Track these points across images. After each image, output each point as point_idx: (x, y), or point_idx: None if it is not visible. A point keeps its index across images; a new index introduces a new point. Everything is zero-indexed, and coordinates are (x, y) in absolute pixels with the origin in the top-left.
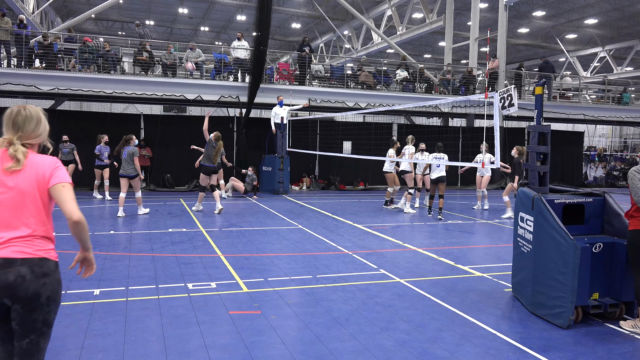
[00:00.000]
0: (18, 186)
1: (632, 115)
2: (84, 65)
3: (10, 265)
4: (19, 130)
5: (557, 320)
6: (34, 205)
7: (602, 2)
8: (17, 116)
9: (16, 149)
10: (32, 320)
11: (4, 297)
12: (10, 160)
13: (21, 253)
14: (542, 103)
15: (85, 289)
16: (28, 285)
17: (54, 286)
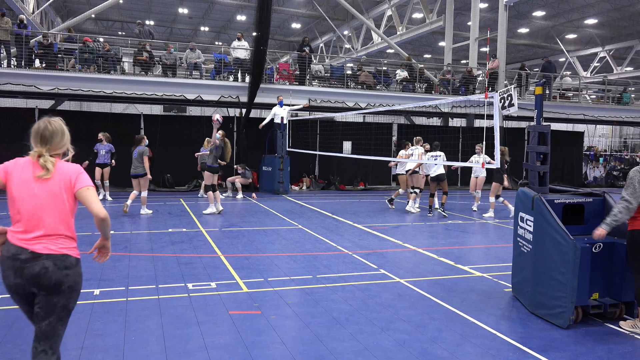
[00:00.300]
0: (47, 191)
1: (632, 115)
2: (84, 65)
3: (36, 259)
4: (47, 143)
5: (557, 320)
6: (61, 207)
7: (602, 2)
8: (45, 131)
9: (46, 160)
10: (52, 304)
11: (31, 287)
12: (41, 170)
13: (47, 249)
14: (542, 103)
15: (85, 289)
16: (51, 275)
17: (75, 278)
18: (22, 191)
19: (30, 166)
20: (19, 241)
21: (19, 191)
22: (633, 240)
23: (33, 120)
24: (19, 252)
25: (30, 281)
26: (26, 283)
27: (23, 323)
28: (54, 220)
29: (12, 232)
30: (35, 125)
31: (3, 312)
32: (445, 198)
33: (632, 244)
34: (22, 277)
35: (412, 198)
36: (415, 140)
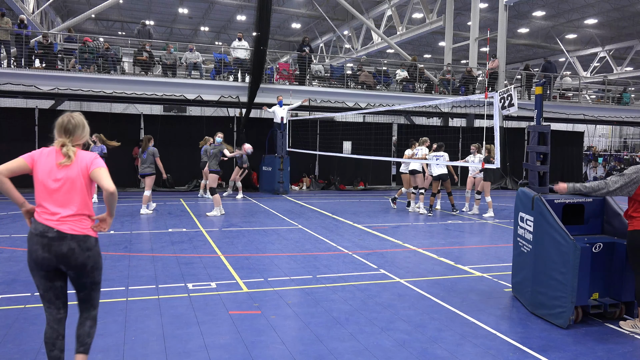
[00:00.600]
0: (68, 176)
1: (632, 115)
2: (84, 65)
3: (62, 239)
4: (70, 135)
5: (557, 320)
6: (80, 190)
7: (602, 2)
8: (68, 124)
9: (68, 149)
10: (82, 283)
11: (60, 264)
12: (63, 157)
13: (71, 230)
14: (542, 103)
15: None
16: (77, 256)
17: (96, 258)
18: (46, 177)
19: (54, 154)
20: (46, 220)
21: (44, 176)
22: (633, 240)
23: (33, 120)
24: (47, 230)
25: (59, 258)
26: (54, 258)
27: (23, 323)
28: (75, 202)
29: (39, 212)
30: (59, 119)
31: (3, 312)
32: (452, 199)
33: (631, 245)
34: (50, 253)
35: (412, 198)
36: (421, 140)
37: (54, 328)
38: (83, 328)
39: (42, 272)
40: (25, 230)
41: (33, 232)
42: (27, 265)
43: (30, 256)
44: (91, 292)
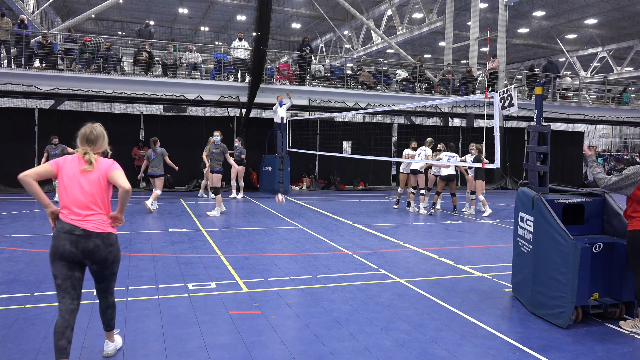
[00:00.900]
0: (90, 181)
1: (632, 115)
2: (84, 65)
3: (88, 237)
4: (92, 144)
5: (557, 320)
6: (101, 192)
7: (602, 2)
8: (90, 135)
9: (90, 157)
10: (103, 275)
11: (84, 259)
12: (85, 164)
13: (96, 228)
14: (542, 103)
15: (85, 289)
16: (101, 252)
17: (116, 253)
18: (70, 181)
19: (77, 161)
20: (72, 221)
21: (69, 181)
22: (632, 240)
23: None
24: (73, 229)
25: (85, 254)
26: (80, 254)
27: (23, 323)
28: (97, 204)
29: (65, 213)
30: (82, 130)
31: (3, 312)
32: (455, 200)
33: (631, 245)
34: (77, 248)
35: (412, 198)
36: (427, 141)
37: (65, 318)
38: (105, 315)
39: (64, 263)
40: (24, 231)
41: (60, 230)
42: (27, 266)
43: (56, 249)
44: (110, 282)
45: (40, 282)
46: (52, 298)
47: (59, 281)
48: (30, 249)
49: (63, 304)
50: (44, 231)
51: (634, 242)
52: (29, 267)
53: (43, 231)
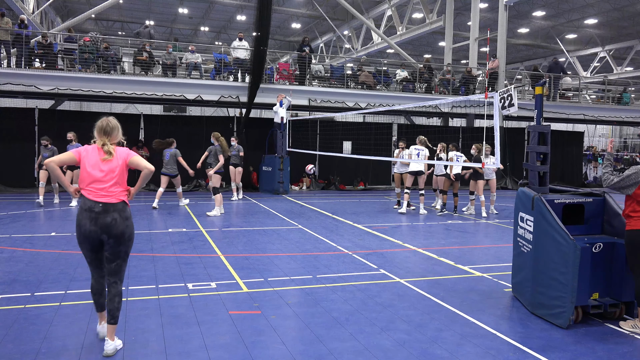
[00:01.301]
0: (111, 168)
1: (632, 115)
2: (84, 66)
3: (107, 212)
4: (108, 135)
5: (557, 320)
6: (119, 176)
7: (602, 2)
8: (107, 127)
9: (109, 147)
10: (118, 251)
11: (103, 234)
12: (105, 154)
13: (114, 199)
14: (542, 103)
15: (85, 289)
16: (118, 225)
17: (131, 228)
18: (93, 168)
19: (97, 151)
20: (94, 197)
21: (91, 168)
22: (630, 240)
23: (33, 120)
24: (93, 205)
25: (103, 228)
26: (99, 230)
27: (23, 323)
28: (115, 185)
29: (87, 190)
30: (99, 123)
31: (3, 312)
32: (457, 200)
33: (629, 244)
34: (97, 225)
35: (407, 198)
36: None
37: (99, 282)
38: (113, 303)
39: (89, 246)
40: (24, 231)
41: (82, 207)
42: (27, 265)
43: (80, 229)
44: (122, 264)
45: (40, 282)
46: (52, 298)
47: (88, 260)
48: (30, 249)
49: (96, 273)
50: (44, 231)
51: (632, 242)
52: (29, 267)
53: (43, 231)
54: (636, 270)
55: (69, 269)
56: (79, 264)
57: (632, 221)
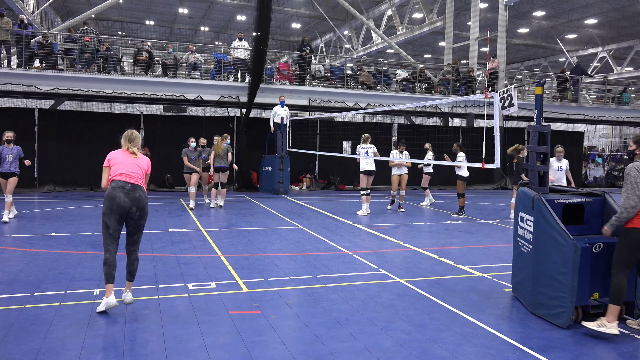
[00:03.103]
0: (136, 163)
1: (632, 115)
2: (84, 66)
3: (135, 189)
4: (132, 142)
5: (557, 320)
6: (142, 171)
7: (602, 2)
8: (132, 136)
9: (134, 150)
10: (140, 224)
11: (133, 206)
12: (132, 155)
13: (139, 182)
14: (542, 103)
15: (85, 289)
16: (143, 200)
17: (148, 207)
18: (124, 161)
19: (124, 152)
20: (125, 179)
21: (122, 161)
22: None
23: (33, 120)
24: (125, 184)
25: (133, 201)
26: (130, 202)
27: (23, 323)
28: (141, 176)
29: (119, 175)
30: (125, 134)
31: (3, 312)
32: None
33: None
34: (128, 197)
35: (365, 200)
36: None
37: (114, 256)
38: (132, 266)
39: (117, 217)
40: (24, 231)
41: (115, 186)
42: (27, 266)
43: (113, 201)
44: (140, 235)
45: (40, 282)
46: (52, 298)
47: (111, 231)
48: (30, 249)
49: (112, 247)
50: (44, 231)
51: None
52: (29, 267)
53: (43, 231)
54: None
55: (68, 269)
56: (79, 263)
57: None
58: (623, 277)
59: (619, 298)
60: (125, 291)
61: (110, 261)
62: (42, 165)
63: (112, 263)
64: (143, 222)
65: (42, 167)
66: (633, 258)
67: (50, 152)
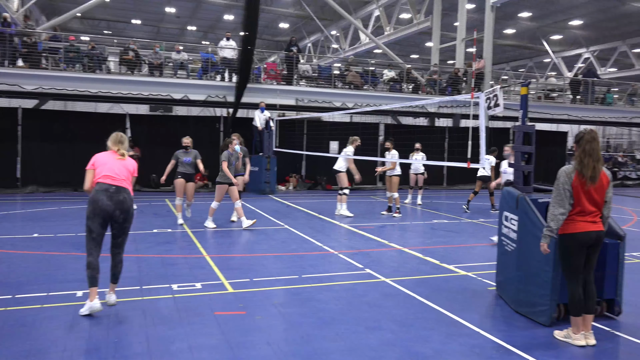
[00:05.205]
0: (123, 165)
1: (615, 115)
2: (69, 65)
3: (120, 192)
4: (121, 144)
5: (540, 318)
6: (128, 172)
7: (588, 3)
8: (121, 139)
9: (122, 152)
10: (124, 227)
11: (116, 209)
12: (119, 156)
13: (124, 184)
14: (527, 103)
15: (68, 291)
16: (128, 202)
17: (133, 210)
18: (110, 162)
19: (112, 154)
20: (109, 182)
21: (108, 162)
22: (560, 244)
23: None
24: (109, 187)
25: (117, 204)
26: (114, 205)
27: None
28: (127, 177)
29: (103, 178)
30: (113, 135)
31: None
32: (492, 199)
33: (559, 249)
34: (112, 201)
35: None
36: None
37: (96, 259)
38: (117, 269)
39: (101, 221)
40: (5, 232)
41: (99, 189)
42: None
43: (96, 204)
44: (125, 237)
45: (21, 284)
46: (34, 300)
47: (94, 235)
48: (12, 250)
49: (95, 250)
50: (26, 232)
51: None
52: (10, 269)
53: (25, 232)
54: (566, 275)
55: (51, 271)
56: (62, 265)
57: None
58: (576, 287)
59: (575, 309)
60: (109, 293)
61: (93, 265)
62: (25, 165)
63: (94, 266)
64: (128, 225)
65: (25, 167)
66: (576, 265)
67: (34, 153)
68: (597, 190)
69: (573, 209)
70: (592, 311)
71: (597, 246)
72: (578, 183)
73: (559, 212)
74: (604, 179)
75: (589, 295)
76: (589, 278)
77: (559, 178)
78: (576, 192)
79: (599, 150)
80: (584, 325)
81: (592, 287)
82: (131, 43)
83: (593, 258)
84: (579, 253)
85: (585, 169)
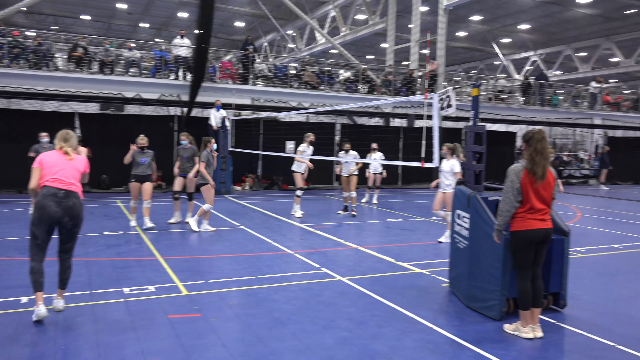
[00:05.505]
0: (71, 165)
1: (561, 116)
2: (12, 61)
3: (68, 197)
4: (67, 142)
5: (490, 313)
6: (78, 172)
7: (534, 8)
8: (67, 136)
9: (67, 150)
10: (73, 232)
11: (65, 216)
12: (66, 155)
13: (73, 188)
14: (478, 104)
15: (12, 297)
16: (77, 207)
17: (83, 214)
18: (56, 164)
19: (58, 152)
20: (58, 186)
21: (54, 163)
22: (510, 241)
23: None
24: (57, 192)
25: (66, 210)
26: (62, 212)
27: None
28: (75, 177)
29: (50, 182)
30: (60, 133)
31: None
32: None
33: (509, 245)
34: (60, 207)
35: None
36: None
37: (40, 264)
38: (65, 274)
39: (47, 227)
40: None
41: (46, 194)
42: None
43: (43, 210)
44: (74, 242)
45: None
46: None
47: (39, 242)
48: None
49: (39, 256)
50: None
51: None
52: None
53: None
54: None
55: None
56: (5, 270)
57: (515, 222)
58: (525, 282)
59: (524, 303)
60: (57, 298)
61: (36, 269)
62: None
63: (38, 271)
64: (77, 230)
65: None
66: (525, 260)
67: None
68: (544, 188)
69: (523, 206)
70: (540, 305)
71: (545, 242)
72: (527, 181)
73: (506, 209)
74: (550, 176)
75: (537, 290)
76: (537, 273)
77: (508, 176)
78: (525, 190)
79: (547, 149)
80: (532, 319)
81: (539, 282)
82: (80, 39)
83: (542, 254)
84: (529, 249)
85: (536, 167)
